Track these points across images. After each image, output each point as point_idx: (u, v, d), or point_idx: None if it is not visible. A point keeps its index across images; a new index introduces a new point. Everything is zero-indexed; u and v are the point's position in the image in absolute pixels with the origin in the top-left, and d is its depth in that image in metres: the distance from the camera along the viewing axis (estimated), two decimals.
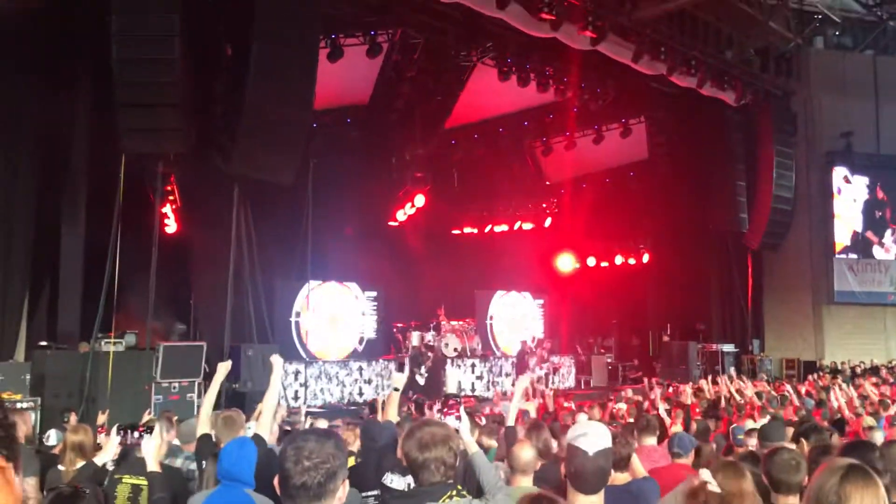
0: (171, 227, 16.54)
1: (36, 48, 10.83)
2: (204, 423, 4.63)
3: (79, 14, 11.32)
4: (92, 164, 11.92)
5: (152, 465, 3.94)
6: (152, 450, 3.97)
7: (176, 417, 6.65)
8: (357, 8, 15.76)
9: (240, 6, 11.96)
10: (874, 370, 19.09)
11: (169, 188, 15.41)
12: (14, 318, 11.32)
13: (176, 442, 5.48)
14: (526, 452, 3.96)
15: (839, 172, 21.86)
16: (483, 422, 6.83)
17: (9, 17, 10.41)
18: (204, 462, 4.29)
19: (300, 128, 12.17)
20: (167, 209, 16.04)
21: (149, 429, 5.57)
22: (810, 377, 17.47)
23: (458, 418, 4.30)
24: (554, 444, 4.99)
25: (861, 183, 22.13)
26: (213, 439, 4.48)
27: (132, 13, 10.27)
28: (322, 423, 7.04)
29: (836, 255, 21.57)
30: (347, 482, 2.11)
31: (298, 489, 2.02)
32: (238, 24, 11.90)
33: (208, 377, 12.72)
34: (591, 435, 2.69)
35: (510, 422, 4.98)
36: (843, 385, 13.84)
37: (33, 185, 11.13)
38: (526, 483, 3.90)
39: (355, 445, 5.79)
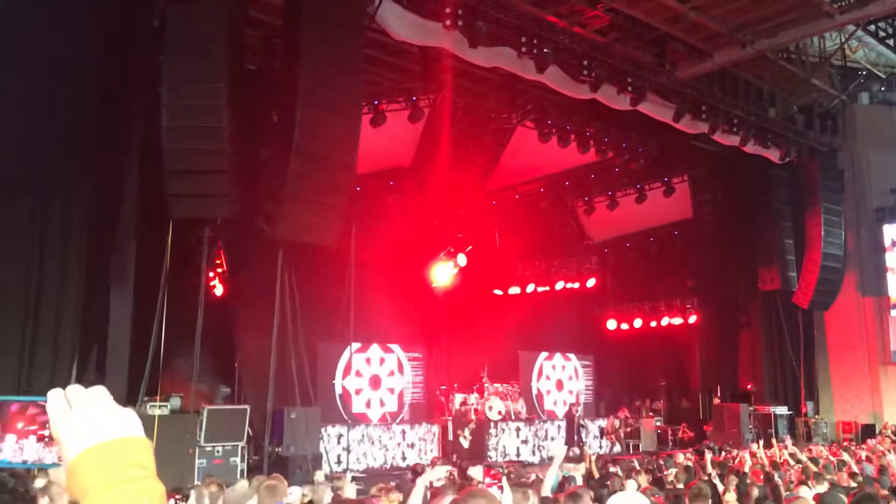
0: (218, 290, 16.77)
1: (87, 116, 11.20)
2: None
3: (130, 84, 11.72)
4: (140, 228, 12.18)
5: None
6: None
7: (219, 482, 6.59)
8: (398, 75, 16.12)
9: (285, 75, 12.30)
10: None
11: (215, 252, 15.66)
12: (63, 382, 11.45)
13: None
14: None
15: (890, 228, 21.39)
16: None
17: (56, 89, 10.82)
18: None
19: (344, 192, 12.33)
20: (214, 273, 16.28)
21: (184, 496, 5.51)
22: (869, 441, 16.82)
23: (501, 488, 4.19)
24: None
25: None
26: None
27: (181, 84, 10.61)
28: (351, 490, 6.87)
29: (892, 313, 20.95)
30: None
31: None
32: (284, 92, 12.22)
33: (251, 440, 12.73)
34: None
35: (545, 492, 4.84)
36: None
37: (83, 252, 11.39)
38: None
39: None
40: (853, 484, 8.06)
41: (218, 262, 16.37)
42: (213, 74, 10.64)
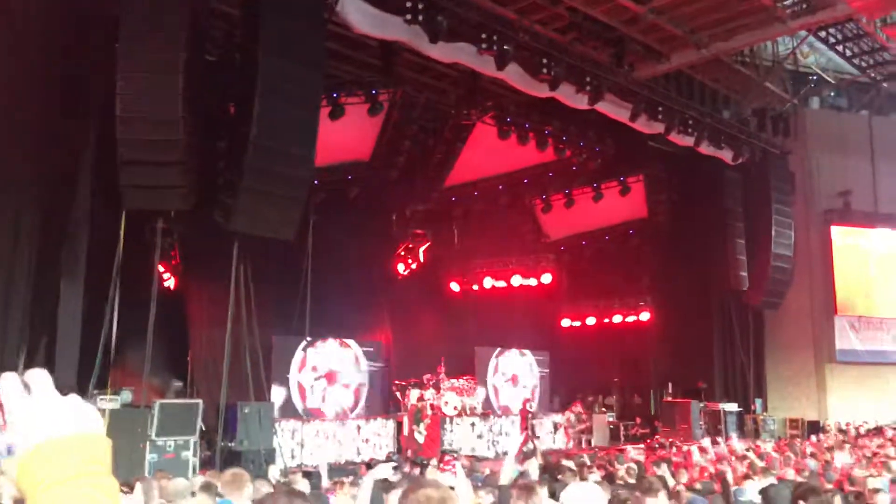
0: (171, 283, 16.54)
1: (41, 103, 10.98)
2: None
3: (85, 72, 11.51)
4: (93, 218, 11.96)
5: None
6: None
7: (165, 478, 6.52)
8: (358, 68, 16.06)
9: (244, 66, 12.17)
10: (878, 430, 18.86)
11: (169, 244, 15.44)
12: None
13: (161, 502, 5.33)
14: None
15: (838, 230, 21.96)
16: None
17: (14, 74, 10.58)
18: None
19: (301, 185, 12.24)
20: (167, 265, 16.05)
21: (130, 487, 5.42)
22: (813, 437, 17.25)
23: (455, 475, 4.21)
24: None
25: (860, 238, 22.23)
26: None
27: (137, 73, 10.44)
28: (304, 486, 6.89)
29: (837, 313, 21.54)
30: None
31: None
32: (242, 83, 12.09)
33: (204, 435, 12.59)
34: (586, 499, 2.63)
35: (503, 481, 4.90)
36: (848, 446, 13.67)
37: (34, 240, 11.16)
38: None
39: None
40: (798, 479, 8.28)
41: (172, 254, 16.14)
42: (169, 64, 10.48)
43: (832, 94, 23.28)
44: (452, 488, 3.08)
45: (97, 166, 11.81)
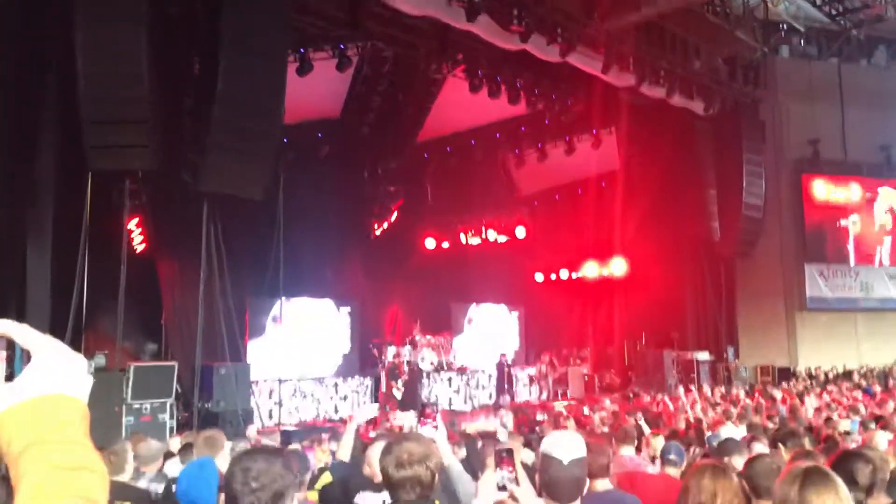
0: (141, 245, 16.31)
1: None
2: None
3: (44, 28, 11.14)
4: (58, 181, 11.70)
5: None
6: None
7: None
8: (326, 22, 15.72)
9: (207, 20, 11.86)
10: (847, 375, 19.28)
11: (137, 205, 15.17)
12: None
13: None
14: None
15: (808, 179, 22.14)
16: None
17: None
18: None
19: (270, 142, 12.05)
20: (136, 227, 15.81)
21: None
22: (784, 384, 17.59)
23: (436, 427, 4.19)
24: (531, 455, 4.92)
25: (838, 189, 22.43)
26: None
27: (98, 27, 10.12)
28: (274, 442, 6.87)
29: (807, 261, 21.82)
30: (297, 500, 2.08)
31: None
32: (206, 38, 11.80)
33: (180, 397, 12.54)
34: (565, 444, 2.62)
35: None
36: (817, 391, 13.98)
37: None
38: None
39: (325, 461, 5.67)
40: (770, 425, 8.43)
41: (141, 215, 15.88)
42: (132, 17, 10.16)
43: (802, 42, 23.27)
44: (434, 441, 3.06)
45: (61, 126, 11.51)
